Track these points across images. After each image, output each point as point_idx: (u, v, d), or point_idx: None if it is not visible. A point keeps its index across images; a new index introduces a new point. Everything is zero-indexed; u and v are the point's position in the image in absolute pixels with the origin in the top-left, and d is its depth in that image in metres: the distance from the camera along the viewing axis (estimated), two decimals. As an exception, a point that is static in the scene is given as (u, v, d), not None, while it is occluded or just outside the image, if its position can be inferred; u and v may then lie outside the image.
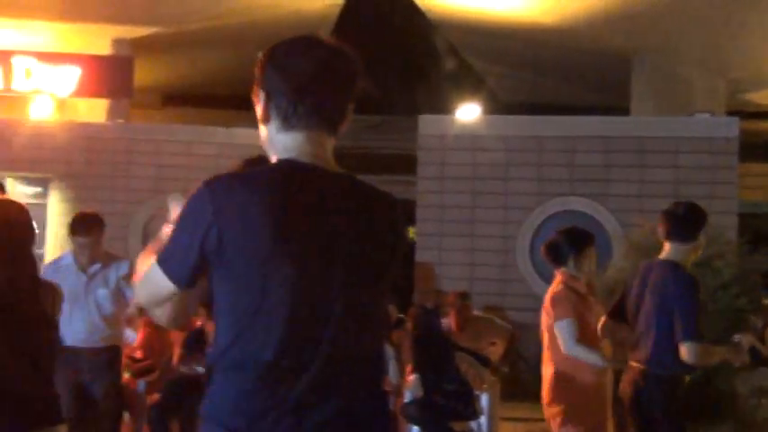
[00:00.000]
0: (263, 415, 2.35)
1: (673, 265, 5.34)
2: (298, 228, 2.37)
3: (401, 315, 8.78)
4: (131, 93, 14.35)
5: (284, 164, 2.46)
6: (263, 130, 2.53)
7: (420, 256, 12.56)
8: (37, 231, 5.14)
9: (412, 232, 13.31)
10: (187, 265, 2.42)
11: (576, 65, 15.81)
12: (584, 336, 5.68)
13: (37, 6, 13.22)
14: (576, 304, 5.73)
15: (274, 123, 2.48)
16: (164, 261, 2.45)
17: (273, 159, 2.50)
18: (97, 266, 6.25)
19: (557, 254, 6.00)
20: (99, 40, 14.15)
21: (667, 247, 5.42)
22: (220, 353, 2.41)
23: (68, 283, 6.13)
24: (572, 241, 6.01)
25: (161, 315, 2.56)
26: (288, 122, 2.47)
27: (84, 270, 6.24)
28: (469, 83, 17.40)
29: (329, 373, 2.38)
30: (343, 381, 2.40)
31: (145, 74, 15.27)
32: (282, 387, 2.35)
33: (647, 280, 5.39)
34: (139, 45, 14.48)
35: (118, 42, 14.40)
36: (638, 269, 5.61)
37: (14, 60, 13.64)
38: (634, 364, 5.38)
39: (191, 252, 2.39)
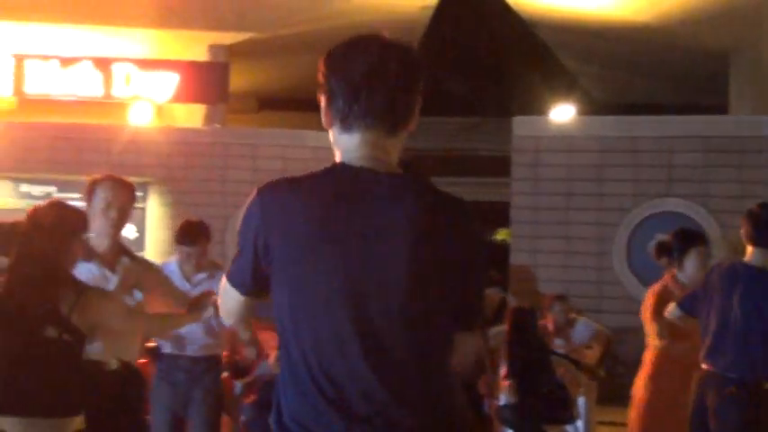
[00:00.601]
0: (324, 422, 2.32)
1: (760, 271, 5.21)
2: (336, 231, 2.33)
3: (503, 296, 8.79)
4: (228, 98, 14.55)
5: (334, 167, 2.44)
6: (330, 133, 2.50)
7: (514, 259, 12.50)
8: (137, 235, 5.31)
9: (506, 234, 13.26)
10: (246, 271, 2.46)
11: (672, 63, 15.56)
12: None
13: (136, 15, 13.49)
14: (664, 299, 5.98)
15: (335, 126, 2.46)
16: (229, 271, 2.52)
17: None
18: (202, 276, 6.21)
19: (663, 254, 6.08)
20: (196, 46, 14.38)
21: (750, 250, 5.26)
22: (280, 358, 2.44)
23: None
24: (676, 242, 6.02)
25: None
26: (345, 123, 2.43)
27: (188, 278, 6.20)
28: (563, 83, 17.26)
29: (382, 382, 2.31)
30: (401, 391, 2.32)
31: (241, 79, 15.48)
32: (335, 395, 2.32)
33: (733, 284, 5.25)
34: (235, 51, 14.67)
35: (214, 48, 14.62)
36: (720, 270, 5.46)
37: (114, 67, 13.92)
38: (709, 367, 5.28)
39: (248, 258, 2.44)
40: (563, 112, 14.45)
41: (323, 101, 2.47)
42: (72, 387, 4.03)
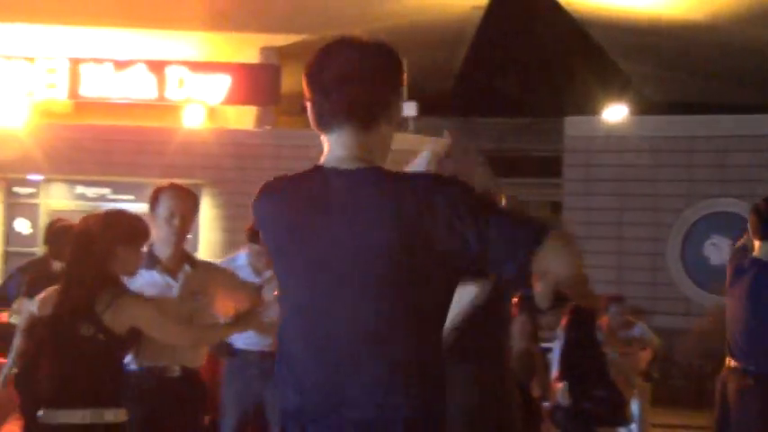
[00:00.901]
0: (295, 418, 2.45)
1: (764, 265, 5.25)
2: (304, 231, 2.46)
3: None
4: (279, 99, 14.61)
5: (313, 168, 2.55)
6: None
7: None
8: (190, 237, 5.40)
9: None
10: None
11: (726, 62, 15.37)
12: None
13: (188, 18, 13.60)
14: None
15: (319, 128, 2.57)
16: None
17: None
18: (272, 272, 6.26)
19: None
20: (247, 48, 14.46)
21: (758, 245, 5.33)
22: None
23: None
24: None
25: None
26: (323, 124, 2.54)
27: (258, 274, 6.23)
28: (616, 83, 17.11)
29: (343, 376, 2.38)
30: (359, 385, 2.37)
31: (291, 81, 15.52)
32: (302, 390, 2.44)
33: (741, 279, 5.32)
34: (286, 53, 14.72)
35: (266, 51, 14.69)
36: (730, 266, 5.52)
37: (167, 70, 14.04)
38: (730, 361, 5.32)
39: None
40: (615, 112, 14.33)
41: (308, 107, 2.58)
42: (106, 381, 4.24)
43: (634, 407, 7.96)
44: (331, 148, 2.54)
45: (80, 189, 14.03)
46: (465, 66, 16.85)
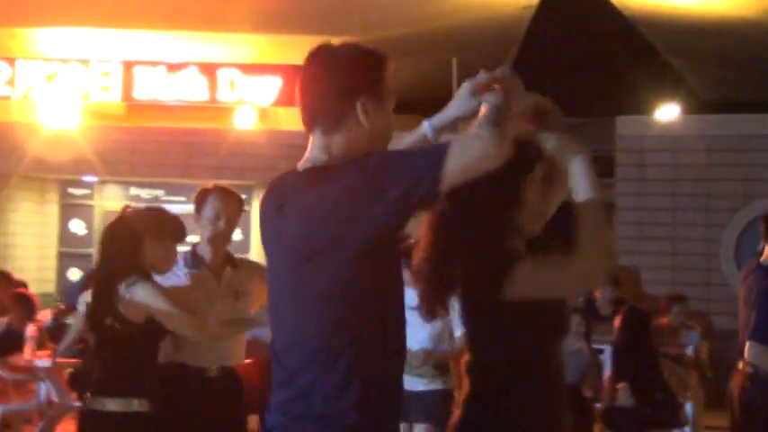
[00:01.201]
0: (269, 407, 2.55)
1: (763, 269, 5.37)
2: (266, 227, 2.62)
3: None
4: (329, 101, 14.62)
5: (291, 170, 2.70)
6: None
7: (619, 261, 12.33)
8: (242, 237, 5.45)
9: (609, 236, 13.07)
10: None
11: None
12: None
13: (240, 20, 13.68)
14: None
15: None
16: None
17: None
18: None
19: None
20: (298, 50, 14.42)
21: (766, 250, 5.43)
22: None
23: None
24: None
25: None
26: (306, 129, 2.66)
27: None
28: (668, 82, 16.97)
29: (290, 370, 2.45)
30: (300, 377, 2.43)
31: (342, 82, 15.54)
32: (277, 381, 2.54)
33: (744, 282, 5.47)
34: (336, 54, 14.75)
35: (316, 52, 14.74)
36: (744, 270, 5.62)
37: (219, 73, 14.14)
38: (739, 365, 5.43)
39: None
40: (668, 112, 14.20)
41: None
42: (130, 371, 4.32)
43: (688, 409, 7.89)
44: (309, 150, 2.65)
45: (134, 190, 14.20)
46: (515, 65, 16.80)
